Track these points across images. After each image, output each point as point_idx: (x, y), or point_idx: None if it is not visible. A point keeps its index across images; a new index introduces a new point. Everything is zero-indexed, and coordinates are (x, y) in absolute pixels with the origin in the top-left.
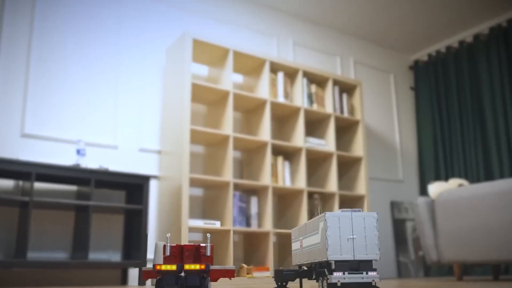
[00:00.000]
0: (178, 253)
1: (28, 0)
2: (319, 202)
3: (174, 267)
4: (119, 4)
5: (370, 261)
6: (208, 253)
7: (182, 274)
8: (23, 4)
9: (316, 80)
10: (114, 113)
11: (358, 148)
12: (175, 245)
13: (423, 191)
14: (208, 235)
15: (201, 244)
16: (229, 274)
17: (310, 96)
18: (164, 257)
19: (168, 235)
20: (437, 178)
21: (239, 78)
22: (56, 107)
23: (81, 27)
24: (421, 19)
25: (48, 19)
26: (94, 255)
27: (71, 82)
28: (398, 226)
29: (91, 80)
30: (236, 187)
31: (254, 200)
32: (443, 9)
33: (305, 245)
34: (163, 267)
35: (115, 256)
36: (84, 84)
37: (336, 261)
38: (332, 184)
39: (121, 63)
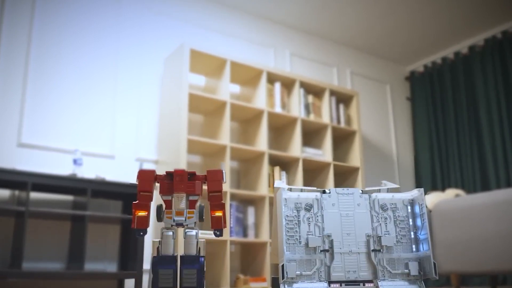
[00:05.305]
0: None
1: (26, 18)
2: None
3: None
4: (117, 15)
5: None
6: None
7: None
8: (22, 12)
9: (313, 91)
10: (111, 123)
11: (355, 158)
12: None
13: None
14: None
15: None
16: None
17: (307, 106)
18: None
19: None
20: (434, 188)
21: (236, 88)
22: (53, 116)
23: (79, 37)
24: (417, 30)
25: (46, 28)
26: (90, 266)
27: (69, 92)
28: None
29: (88, 89)
30: (233, 197)
31: (251, 210)
32: (438, 20)
33: None
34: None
35: (111, 267)
36: (82, 93)
37: None
38: None
39: (119, 73)
